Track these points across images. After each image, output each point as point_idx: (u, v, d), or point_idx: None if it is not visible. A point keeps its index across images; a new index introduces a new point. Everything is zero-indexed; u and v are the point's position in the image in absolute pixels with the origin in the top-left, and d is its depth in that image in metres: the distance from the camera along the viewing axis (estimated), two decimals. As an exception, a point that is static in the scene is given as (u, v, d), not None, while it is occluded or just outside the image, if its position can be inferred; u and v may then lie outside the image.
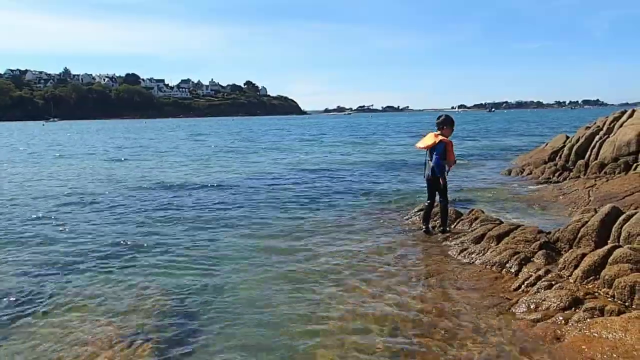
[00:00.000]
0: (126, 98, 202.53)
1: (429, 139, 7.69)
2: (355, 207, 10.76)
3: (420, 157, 8.74)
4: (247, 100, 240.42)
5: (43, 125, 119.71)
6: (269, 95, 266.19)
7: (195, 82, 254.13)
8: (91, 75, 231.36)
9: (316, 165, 20.49)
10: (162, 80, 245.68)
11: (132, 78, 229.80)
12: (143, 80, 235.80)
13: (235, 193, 13.18)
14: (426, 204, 8.19)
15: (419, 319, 4.83)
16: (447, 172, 7.80)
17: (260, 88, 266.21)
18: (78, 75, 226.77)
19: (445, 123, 7.75)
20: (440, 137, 7.60)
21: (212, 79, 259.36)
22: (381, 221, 9.24)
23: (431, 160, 7.71)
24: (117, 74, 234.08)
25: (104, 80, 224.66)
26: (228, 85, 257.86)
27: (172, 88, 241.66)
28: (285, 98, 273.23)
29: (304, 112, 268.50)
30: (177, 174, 18.17)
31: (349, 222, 9.22)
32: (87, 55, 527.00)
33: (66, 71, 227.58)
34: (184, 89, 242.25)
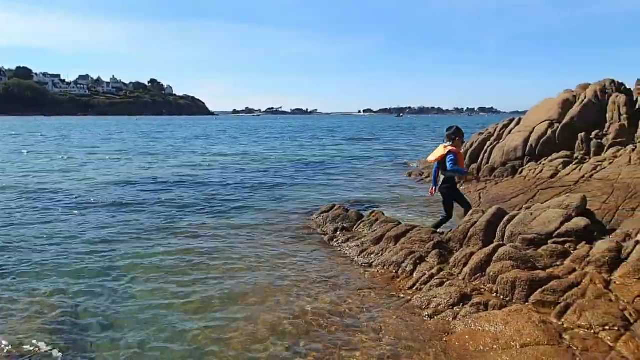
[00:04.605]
0: (16, 93, 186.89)
1: (439, 151, 7.61)
2: (257, 210, 10.71)
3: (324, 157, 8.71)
4: (152, 99, 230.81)
5: None
6: (175, 95, 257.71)
7: (95, 78, 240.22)
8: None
9: (219, 168, 20.19)
10: (58, 76, 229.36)
11: (23, 72, 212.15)
12: (36, 74, 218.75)
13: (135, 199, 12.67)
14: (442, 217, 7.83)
15: (315, 320, 4.90)
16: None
17: (165, 87, 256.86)
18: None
19: (456, 134, 7.62)
20: (449, 148, 7.49)
21: (113, 76, 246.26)
22: (282, 224, 9.26)
23: (442, 171, 7.60)
24: (6, 67, 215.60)
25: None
26: (131, 82, 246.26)
27: (69, 84, 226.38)
28: (192, 98, 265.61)
29: (212, 113, 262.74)
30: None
31: (248, 227, 9.13)
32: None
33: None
34: (82, 85, 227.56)
